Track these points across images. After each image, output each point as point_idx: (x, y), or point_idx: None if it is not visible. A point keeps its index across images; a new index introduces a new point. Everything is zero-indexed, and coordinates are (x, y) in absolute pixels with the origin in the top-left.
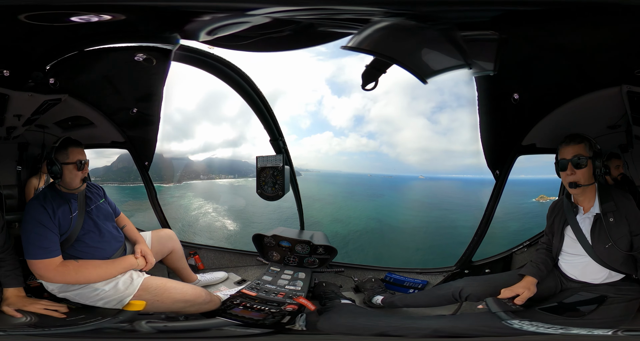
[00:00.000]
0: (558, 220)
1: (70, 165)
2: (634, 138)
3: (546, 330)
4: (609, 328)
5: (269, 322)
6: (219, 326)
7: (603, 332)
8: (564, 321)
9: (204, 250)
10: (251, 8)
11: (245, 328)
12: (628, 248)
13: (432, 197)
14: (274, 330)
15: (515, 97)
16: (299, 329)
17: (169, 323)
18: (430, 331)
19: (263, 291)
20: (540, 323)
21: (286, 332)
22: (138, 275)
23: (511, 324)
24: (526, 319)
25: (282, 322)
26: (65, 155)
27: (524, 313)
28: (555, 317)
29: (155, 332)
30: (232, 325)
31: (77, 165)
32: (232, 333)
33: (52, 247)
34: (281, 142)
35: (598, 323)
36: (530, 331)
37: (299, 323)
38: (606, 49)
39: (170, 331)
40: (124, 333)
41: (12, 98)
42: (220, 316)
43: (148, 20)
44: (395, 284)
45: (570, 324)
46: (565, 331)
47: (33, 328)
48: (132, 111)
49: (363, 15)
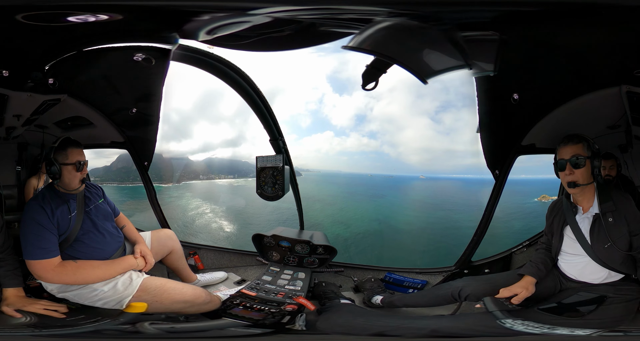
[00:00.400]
0: (557, 220)
1: (69, 165)
2: (634, 138)
3: (543, 330)
4: (609, 328)
5: (269, 322)
6: (219, 327)
7: (603, 332)
8: (563, 322)
9: (203, 250)
10: (253, 7)
11: (245, 328)
12: (627, 248)
13: (434, 197)
14: (274, 329)
15: (515, 97)
16: (299, 329)
17: (170, 324)
18: (428, 331)
19: (263, 291)
20: (538, 323)
21: (286, 332)
22: (137, 275)
23: (507, 324)
24: (523, 319)
25: (282, 322)
26: (64, 155)
27: (522, 313)
28: (554, 317)
29: (156, 333)
30: (232, 326)
31: (76, 166)
32: (232, 333)
33: (51, 247)
34: (281, 141)
35: (597, 323)
36: (526, 331)
37: (299, 323)
38: (606, 49)
39: (171, 332)
40: (124, 334)
41: (12, 98)
42: (221, 317)
43: (146, 19)
44: (395, 284)
45: (569, 324)
46: (563, 331)
47: (33, 328)
48: (132, 111)
49: (365, 15)
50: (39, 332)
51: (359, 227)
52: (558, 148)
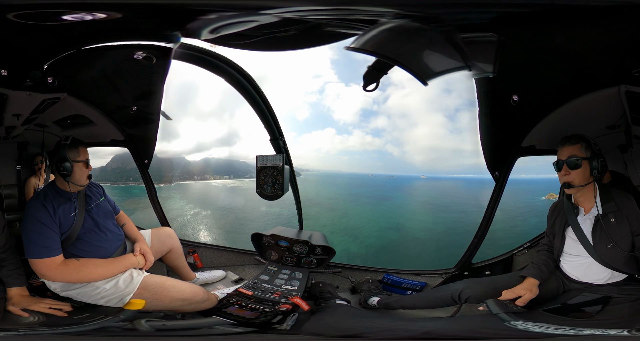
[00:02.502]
0: (559, 221)
1: (81, 162)
2: (634, 138)
3: (547, 330)
4: (615, 328)
5: (259, 321)
6: (209, 325)
7: (608, 332)
8: (568, 322)
9: (202, 249)
10: (265, 7)
11: (231, 327)
12: (630, 248)
13: (442, 197)
14: (257, 329)
15: (514, 99)
16: (283, 329)
17: (167, 322)
18: (419, 333)
19: (259, 291)
20: (544, 323)
21: (269, 332)
22: (138, 273)
23: (513, 325)
24: (529, 320)
25: (272, 322)
26: (76, 153)
27: (526, 314)
28: (559, 318)
29: (150, 331)
30: (221, 324)
31: (86, 163)
32: (219, 331)
33: (53, 245)
34: (281, 141)
35: (604, 324)
36: (529, 331)
37: (288, 322)
38: (604, 50)
39: (168, 329)
40: (126, 332)
41: (11, 97)
42: (216, 315)
43: (148, 18)
44: (393, 286)
45: (574, 325)
46: (566, 331)
47: (39, 327)
48: (132, 109)
49: (373, 16)
50: (45, 331)
51: (370, 238)
52: (558, 149)
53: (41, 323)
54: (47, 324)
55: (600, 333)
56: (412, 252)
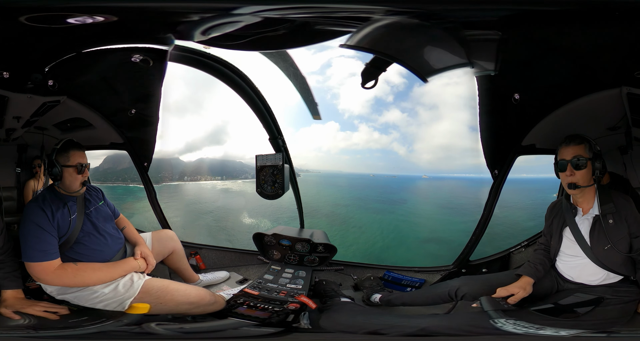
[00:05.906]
0: (557, 221)
1: (71, 168)
2: (634, 140)
3: (535, 330)
4: (605, 329)
5: (275, 321)
6: (226, 327)
7: (599, 334)
8: (558, 323)
9: (204, 250)
10: (235, 7)
11: (254, 328)
12: (627, 250)
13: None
14: (284, 329)
15: (515, 98)
16: (305, 328)
17: (177, 324)
18: (416, 329)
19: (265, 290)
20: (532, 323)
21: (294, 331)
22: (139, 277)
23: (499, 324)
24: (517, 319)
25: (288, 321)
26: (66, 157)
27: (516, 313)
28: (548, 318)
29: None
30: (239, 325)
31: (78, 168)
32: (242, 333)
33: (51, 249)
34: (280, 140)
35: (593, 325)
36: (516, 332)
37: (303, 321)
38: (606, 51)
39: (180, 332)
40: (129, 335)
41: (12, 100)
42: (227, 317)
43: (140, 21)
44: (394, 282)
45: (565, 325)
46: (559, 332)
47: (32, 330)
48: (131, 112)
49: (361, 13)
50: (37, 334)
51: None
52: (559, 148)
53: (34, 326)
54: (41, 327)
55: (590, 335)
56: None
